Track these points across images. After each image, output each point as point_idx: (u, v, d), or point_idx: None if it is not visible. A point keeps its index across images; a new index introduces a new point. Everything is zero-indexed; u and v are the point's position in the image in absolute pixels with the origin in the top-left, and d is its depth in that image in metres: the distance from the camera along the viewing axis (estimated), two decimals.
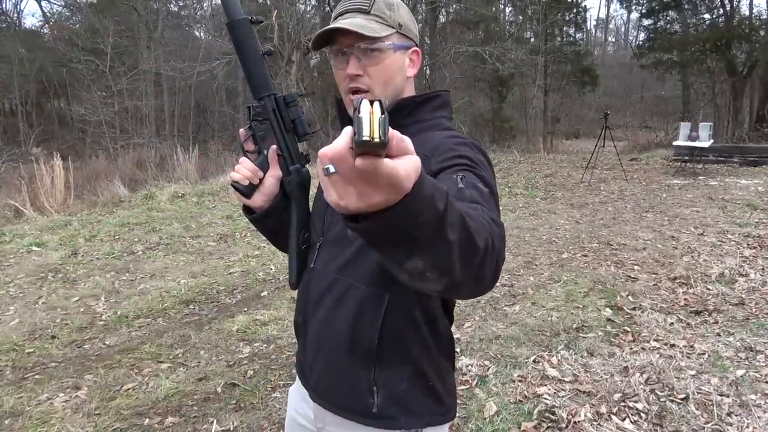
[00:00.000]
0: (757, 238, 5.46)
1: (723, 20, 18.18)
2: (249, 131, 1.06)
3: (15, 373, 3.11)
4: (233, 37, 1.03)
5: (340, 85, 1.00)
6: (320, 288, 1.02)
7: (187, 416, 2.61)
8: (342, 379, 0.99)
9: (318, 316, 1.03)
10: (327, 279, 1.01)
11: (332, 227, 1.02)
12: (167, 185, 9.61)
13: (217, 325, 3.72)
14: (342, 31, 0.93)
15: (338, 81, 0.99)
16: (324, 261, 1.03)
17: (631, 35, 34.26)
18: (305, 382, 1.09)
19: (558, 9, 21.35)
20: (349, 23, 0.92)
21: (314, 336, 1.05)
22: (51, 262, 5.33)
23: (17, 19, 23.19)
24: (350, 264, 0.97)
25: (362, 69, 0.95)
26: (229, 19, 1.01)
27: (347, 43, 0.94)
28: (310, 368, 1.06)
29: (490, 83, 20.56)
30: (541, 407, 2.51)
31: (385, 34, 0.94)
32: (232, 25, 1.01)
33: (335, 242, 1.01)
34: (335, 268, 1.00)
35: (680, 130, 11.04)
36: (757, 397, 2.55)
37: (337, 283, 0.99)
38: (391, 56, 0.96)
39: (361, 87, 0.96)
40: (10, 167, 11.81)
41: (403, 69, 1.00)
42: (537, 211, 7.40)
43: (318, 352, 1.04)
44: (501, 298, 4.09)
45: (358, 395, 0.97)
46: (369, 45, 0.94)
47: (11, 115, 22.19)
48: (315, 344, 1.04)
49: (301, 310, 1.09)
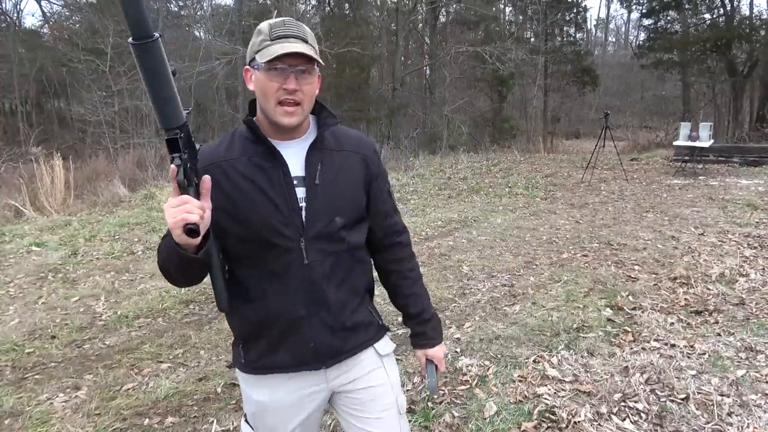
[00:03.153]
0: (757, 238, 5.46)
1: (723, 20, 18.19)
2: (180, 166, 1.00)
3: (15, 373, 3.11)
4: (145, 60, 0.91)
5: (269, 96, 1.16)
6: (321, 275, 1.23)
7: (187, 416, 2.61)
8: (353, 327, 1.31)
9: (326, 297, 1.24)
10: (326, 267, 1.23)
11: (313, 227, 1.21)
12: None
13: (217, 325, 3.72)
14: (294, 53, 1.12)
15: (268, 91, 1.15)
16: (318, 256, 1.22)
17: (632, 35, 34.29)
18: (317, 362, 1.28)
19: (558, 9, 21.37)
20: (301, 48, 1.13)
21: (321, 316, 1.25)
22: (51, 262, 5.33)
23: (17, 19, 23.21)
24: (339, 250, 1.26)
25: (298, 86, 1.15)
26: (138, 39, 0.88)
27: (291, 62, 1.13)
28: (323, 342, 1.26)
29: (490, 83, 20.56)
30: (541, 407, 2.51)
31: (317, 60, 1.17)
32: (145, 47, 0.89)
33: (321, 238, 1.22)
34: (333, 257, 1.24)
35: (680, 130, 11.03)
36: (758, 397, 2.54)
37: (334, 265, 1.25)
38: (316, 79, 1.20)
39: (296, 99, 1.16)
40: (10, 167, 11.80)
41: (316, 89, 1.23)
42: (537, 211, 7.40)
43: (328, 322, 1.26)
44: (501, 298, 4.08)
45: (368, 323, 1.35)
46: (308, 67, 1.16)
47: (11, 114, 22.18)
48: (325, 322, 1.26)
49: (303, 303, 1.23)
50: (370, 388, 1.34)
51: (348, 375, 1.33)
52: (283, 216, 1.19)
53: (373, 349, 1.37)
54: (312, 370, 1.29)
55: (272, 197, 1.19)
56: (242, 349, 1.30)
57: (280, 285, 1.22)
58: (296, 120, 1.18)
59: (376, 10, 19.76)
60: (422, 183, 10.35)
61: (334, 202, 1.23)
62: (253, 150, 1.20)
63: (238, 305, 1.25)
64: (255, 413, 1.33)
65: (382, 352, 1.38)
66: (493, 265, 4.93)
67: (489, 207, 7.84)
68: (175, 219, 0.99)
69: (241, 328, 1.29)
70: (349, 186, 1.27)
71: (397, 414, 1.38)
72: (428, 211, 7.62)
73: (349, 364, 1.33)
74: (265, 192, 1.19)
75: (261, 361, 1.28)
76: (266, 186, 1.19)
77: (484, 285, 4.39)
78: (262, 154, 1.20)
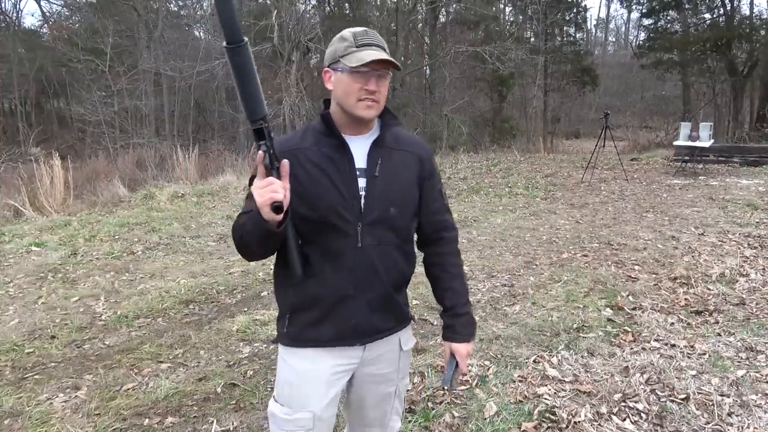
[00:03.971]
0: (757, 238, 5.46)
1: (723, 20, 18.18)
2: (266, 152, 1.16)
3: (15, 373, 3.11)
4: (236, 61, 1.11)
5: (352, 94, 1.31)
6: (372, 259, 1.37)
7: (187, 416, 2.61)
8: (391, 309, 1.45)
9: (373, 280, 1.38)
10: (378, 252, 1.37)
11: (370, 214, 1.35)
12: (167, 185, 9.61)
13: (217, 325, 3.72)
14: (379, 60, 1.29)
15: (350, 91, 1.31)
16: (371, 241, 1.36)
17: (632, 35, 34.26)
18: (355, 339, 1.41)
19: (558, 9, 21.36)
20: (384, 55, 1.30)
21: (367, 296, 1.38)
22: (51, 262, 5.33)
23: (17, 19, 23.22)
24: (396, 238, 1.41)
25: (378, 87, 1.31)
26: (232, 43, 1.09)
27: (374, 67, 1.29)
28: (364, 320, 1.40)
29: (490, 83, 20.56)
30: (541, 407, 2.51)
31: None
32: (237, 50, 1.10)
33: (376, 224, 1.36)
34: (385, 243, 1.38)
35: (680, 130, 11.03)
36: (758, 398, 2.54)
37: (384, 251, 1.39)
38: (388, 82, 1.36)
39: (375, 98, 1.32)
40: (9, 167, 11.80)
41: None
42: (537, 211, 7.40)
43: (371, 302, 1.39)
44: (501, 298, 4.08)
45: (401, 309, 1.49)
46: (385, 72, 1.32)
47: (11, 115, 22.17)
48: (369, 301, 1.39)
49: (352, 283, 1.36)
50: (380, 376, 1.50)
51: (374, 357, 1.47)
52: (346, 201, 1.33)
53: (398, 338, 1.51)
54: (348, 345, 1.41)
55: (338, 184, 1.33)
56: (288, 320, 1.42)
57: (335, 264, 1.35)
58: (374, 113, 1.35)
59: (376, 9, 19.76)
60: None
61: (390, 193, 1.38)
62: (324, 142, 1.36)
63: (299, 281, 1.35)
64: (293, 383, 1.42)
65: (404, 347, 1.53)
66: (493, 265, 4.93)
67: (489, 207, 7.84)
68: (264, 198, 1.13)
69: (294, 300, 1.40)
70: (404, 181, 1.42)
71: (394, 398, 1.56)
72: None
73: (380, 346, 1.46)
74: (332, 179, 1.33)
75: (304, 333, 1.40)
76: (334, 174, 1.33)
77: (484, 285, 4.39)
78: (332, 146, 1.35)
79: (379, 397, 1.53)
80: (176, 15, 21.83)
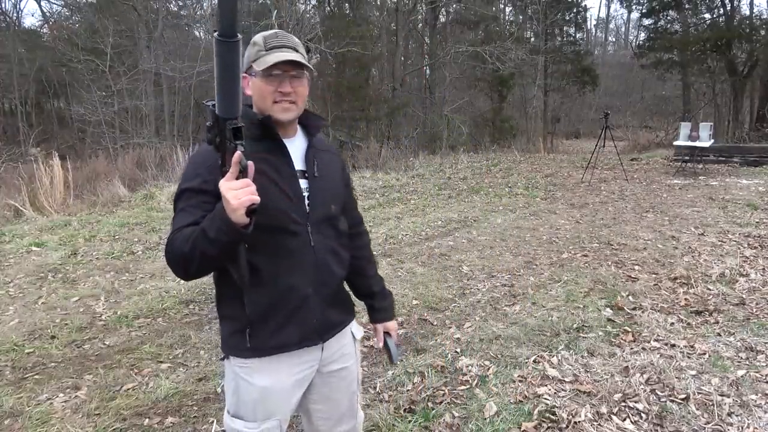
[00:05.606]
0: (757, 238, 5.46)
1: (723, 20, 18.18)
2: (242, 152, 1.11)
3: (15, 373, 3.11)
4: (225, 55, 1.05)
5: (266, 98, 1.32)
6: (324, 256, 1.41)
7: (187, 416, 2.61)
8: (341, 303, 1.53)
9: (327, 276, 1.42)
10: (327, 249, 1.42)
11: (315, 213, 1.39)
12: (167, 185, 9.60)
13: (216, 325, 3.71)
14: (291, 61, 1.30)
15: (265, 94, 1.32)
16: (320, 239, 1.40)
17: (632, 35, 34.29)
18: (317, 338, 1.44)
19: (558, 9, 21.37)
20: (293, 56, 1.30)
21: (323, 293, 1.42)
22: (51, 262, 5.33)
23: (17, 19, 23.23)
24: (336, 234, 1.47)
25: (292, 88, 1.33)
26: (225, 36, 1.03)
27: (285, 69, 1.30)
28: (323, 317, 1.43)
29: (490, 83, 20.56)
30: (541, 407, 2.51)
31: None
32: (229, 45, 1.04)
33: (321, 223, 1.41)
34: (330, 240, 1.44)
35: (680, 130, 11.04)
36: (758, 398, 2.54)
37: (332, 247, 1.45)
38: (306, 82, 1.37)
39: (292, 99, 1.33)
40: (9, 167, 11.80)
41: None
42: (537, 211, 7.40)
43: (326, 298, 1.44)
44: (501, 298, 4.08)
45: (348, 300, 1.59)
46: (299, 72, 1.33)
47: (11, 115, 22.17)
48: (324, 298, 1.43)
49: (311, 282, 1.39)
50: (344, 369, 1.55)
51: (333, 354, 1.51)
52: (292, 203, 1.35)
53: (350, 331, 1.57)
54: (312, 345, 1.44)
55: (282, 187, 1.34)
56: (249, 334, 1.37)
57: (290, 266, 1.36)
58: (292, 115, 1.35)
59: (376, 9, 19.75)
60: (422, 183, 10.35)
61: (329, 192, 1.44)
62: (259, 146, 1.32)
63: (249, 290, 1.33)
64: (257, 399, 1.39)
65: (357, 336, 1.60)
66: (493, 265, 4.93)
67: (489, 207, 7.84)
68: (241, 200, 1.08)
69: (250, 312, 1.36)
70: (337, 180, 1.50)
71: (356, 392, 1.62)
72: (428, 211, 7.62)
73: (338, 340, 1.52)
74: (275, 182, 1.33)
75: (271, 341, 1.38)
76: (276, 177, 1.34)
77: (484, 285, 4.39)
78: (269, 150, 1.34)
79: (347, 388, 1.57)
80: (176, 15, 21.83)
